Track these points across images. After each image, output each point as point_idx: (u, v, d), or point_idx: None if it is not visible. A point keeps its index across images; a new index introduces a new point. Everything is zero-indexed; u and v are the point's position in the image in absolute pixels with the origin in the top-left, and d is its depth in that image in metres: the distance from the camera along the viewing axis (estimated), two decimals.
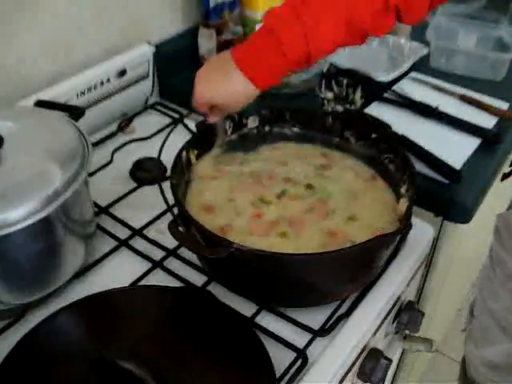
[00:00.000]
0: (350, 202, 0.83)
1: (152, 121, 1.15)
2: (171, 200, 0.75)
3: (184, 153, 0.82)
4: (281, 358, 0.69)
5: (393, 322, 0.89)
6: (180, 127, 1.10)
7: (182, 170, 0.81)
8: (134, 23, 1.14)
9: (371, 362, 0.80)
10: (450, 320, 1.63)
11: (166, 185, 0.77)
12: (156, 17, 1.19)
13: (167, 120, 1.15)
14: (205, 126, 0.86)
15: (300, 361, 0.70)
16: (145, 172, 1.01)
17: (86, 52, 1.06)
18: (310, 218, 0.80)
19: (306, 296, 0.74)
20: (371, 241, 0.66)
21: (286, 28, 0.71)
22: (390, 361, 0.81)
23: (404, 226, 0.70)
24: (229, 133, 0.90)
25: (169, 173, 0.79)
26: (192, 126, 1.01)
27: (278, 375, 0.67)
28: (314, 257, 0.67)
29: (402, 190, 0.82)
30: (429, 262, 1.04)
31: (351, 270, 0.71)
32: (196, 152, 0.85)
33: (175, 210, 0.74)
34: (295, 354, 0.70)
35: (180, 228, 0.68)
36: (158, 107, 1.19)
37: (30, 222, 0.68)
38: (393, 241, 0.73)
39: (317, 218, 0.80)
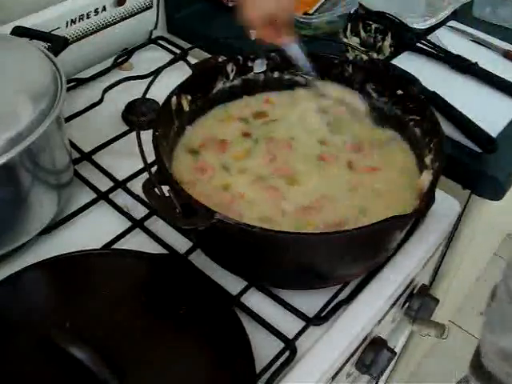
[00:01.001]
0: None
1: (154, 57, 1.03)
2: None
3: (174, 98, 0.70)
4: (265, 348, 0.60)
5: (402, 308, 0.79)
6: (182, 65, 0.97)
7: (170, 119, 0.69)
8: None
9: (372, 353, 0.70)
10: (464, 294, 1.53)
11: None
12: None
13: (170, 56, 1.03)
14: (203, 66, 0.74)
15: (287, 353, 0.60)
16: (138, 115, 0.90)
17: None
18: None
19: (302, 277, 0.63)
20: (382, 222, 0.54)
21: None
22: (394, 353, 0.71)
23: (424, 206, 0.58)
24: (231, 77, 0.78)
25: None
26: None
27: (259, 368, 0.57)
28: (315, 237, 0.56)
29: (427, 160, 0.69)
30: (449, 241, 0.93)
31: (357, 253, 0.60)
32: (190, 98, 0.73)
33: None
34: (283, 345, 0.60)
35: (156, 190, 0.57)
36: (162, 42, 1.07)
37: None
38: (407, 223, 0.61)
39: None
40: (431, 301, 0.78)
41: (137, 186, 0.78)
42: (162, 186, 0.57)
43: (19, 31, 0.78)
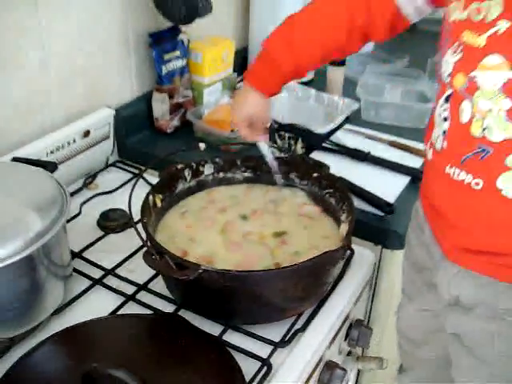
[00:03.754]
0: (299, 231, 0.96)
1: (113, 177, 1.26)
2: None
3: (150, 196, 0.92)
4: (248, 368, 0.78)
5: (345, 340, 1.00)
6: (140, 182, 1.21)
7: (149, 212, 0.91)
8: (95, 90, 1.26)
9: (328, 372, 0.90)
10: None
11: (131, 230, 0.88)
12: (115, 83, 1.32)
13: (127, 176, 1.26)
14: (167, 172, 0.98)
15: (265, 368, 0.79)
16: (111, 221, 1.11)
17: (54, 115, 1.17)
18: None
19: (266, 312, 0.84)
20: (320, 256, 0.77)
21: (270, 44, 0.97)
22: (345, 370, 0.91)
23: (344, 245, 0.82)
24: (188, 179, 1.02)
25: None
26: (150, 179, 1.17)
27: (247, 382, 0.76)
28: (273, 271, 0.78)
29: (343, 218, 0.94)
30: (374, 285, 1.16)
31: (304, 285, 0.82)
32: (161, 196, 0.96)
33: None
34: (260, 363, 0.80)
35: (153, 257, 0.77)
36: (118, 165, 1.30)
37: (14, 259, 0.76)
38: (337, 258, 0.84)
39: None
40: (367, 330, 1.00)
41: (122, 271, 0.98)
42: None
43: (18, 159, 0.99)
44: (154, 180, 1.05)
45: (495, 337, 0.87)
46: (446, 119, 0.81)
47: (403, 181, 1.23)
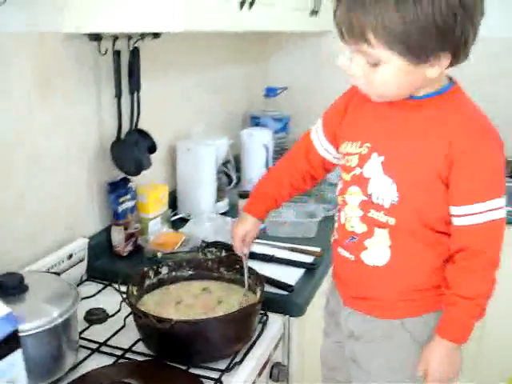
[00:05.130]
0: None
1: (89, 288, 1.69)
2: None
3: (130, 287, 1.38)
4: None
5: (270, 377, 1.45)
6: (109, 289, 1.65)
7: (132, 297, 1.37)
8: (74, 225, 1.73)
9: None
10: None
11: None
12: (86, 220, 1.80)
13: (99, 286, 1.69)
14: (138, 273, 1.45)
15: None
16: (93, 316, 1.53)
17: (50, 242, 1.62)
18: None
19: (214, 352, 1.29)
20: (246, 307, 1.26)
21: (259, 186, 1.52)
22: None
23: (259, 300, 1.31)
24: (152, 277, 1.49)
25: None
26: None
27: None
28: (222, 317, 1.25)
29: (258, 290, 1.43)
30: (288, 338, 1.63)
31: (237, 328, 1.29)
32: (136, 288, 1.42)
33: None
34: (214, 381, 1.23)
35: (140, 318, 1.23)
36: (90, 279, 1.74)
37: (44, 328, 1.19)
38: (257, 310, 1.32)
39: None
40: (282, 368, 1.45)
41: (114, 342, 1.39)
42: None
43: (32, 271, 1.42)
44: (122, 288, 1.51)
45: (376, 355, 1.37)
46: (336, 221, 1.39)
47: (300, 271, 1.75)
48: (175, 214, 2.19)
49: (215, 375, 1.26)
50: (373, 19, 1.09)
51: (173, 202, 2.18)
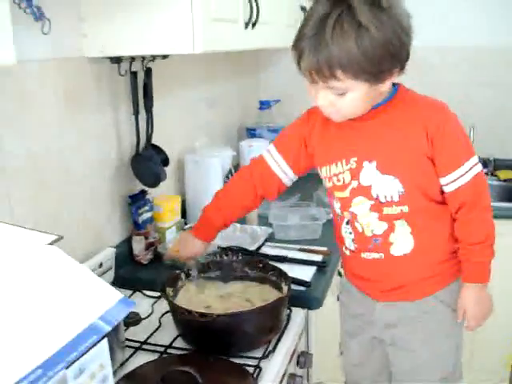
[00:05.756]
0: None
1: None
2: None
3: (167, 289, 1.50)
4: (249, 369, 1.34)
5: (297, 364, 1.58)
6: (136, 295, 1.77)
7: (170, 297, 1.49)
8: (100, 236, 1.85)
9: (291, 381, 1.46)
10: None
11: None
12: (110, 231, 1.91)
13: (127, 293, 1.80)
14: (172, 276, 1.57)
15: (258, 370, 1.35)
16: (129, 319, 1.64)
17: (81, 252, 1.73)
18: None
19: (251, 342, 1.42)
20: (278, 299, 1.39)
21: (208, 211, 1.58)
22: (302, 377, 1.48)
23: (288, 294, 1.44)
24: (183, 278, 1.61)
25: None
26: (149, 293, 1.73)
27: None
28: (257, 309, 1.38)
29: (283, 285, 1.56)
30: (307, 331, 1.76)
31: (271, 319, 1.41)
32: (172, 289, 1.54)
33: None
34: (253, 368, 1.36)
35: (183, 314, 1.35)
36: (116, 287, 1.84)
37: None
38: (286, 303, 1.45)
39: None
40: (308, 355, 1.58)
41: (153, 340, 1.51)
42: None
43: None
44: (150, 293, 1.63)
45: (416, 332, 1.54)
46: (351, 233, 1.52)
47: (312, 269, 1.89)
48: (185, 223, 2.31)
49: (253, 363, 1.38)
50: (338, 55, 1.25)
51: (183, 212, 2.30)
